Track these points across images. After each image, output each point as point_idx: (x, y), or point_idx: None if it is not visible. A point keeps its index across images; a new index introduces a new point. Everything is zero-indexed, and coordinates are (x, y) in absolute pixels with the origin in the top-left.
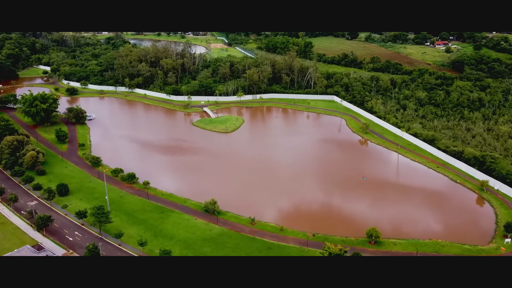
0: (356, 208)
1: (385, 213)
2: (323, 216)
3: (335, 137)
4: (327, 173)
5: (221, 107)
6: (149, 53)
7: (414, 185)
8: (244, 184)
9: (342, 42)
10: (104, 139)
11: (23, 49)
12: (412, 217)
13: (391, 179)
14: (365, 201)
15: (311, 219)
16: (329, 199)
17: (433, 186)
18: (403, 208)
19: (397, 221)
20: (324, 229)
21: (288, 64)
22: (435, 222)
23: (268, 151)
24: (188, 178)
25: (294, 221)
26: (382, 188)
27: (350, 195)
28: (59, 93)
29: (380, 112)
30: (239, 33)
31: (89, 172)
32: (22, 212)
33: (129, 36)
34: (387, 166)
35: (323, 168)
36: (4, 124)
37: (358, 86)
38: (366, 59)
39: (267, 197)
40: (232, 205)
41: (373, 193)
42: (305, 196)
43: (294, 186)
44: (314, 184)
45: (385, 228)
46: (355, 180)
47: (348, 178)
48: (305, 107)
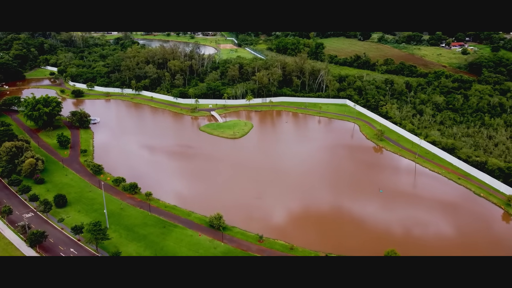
0: (372, 223)
1: (402, 230)
2: (336, 232)
3: (348, 144)
4: (340, 184)
5: (229, 111)
6: (157, 55)
7: (434, 198)
8: (252, 194)
9: (354, 43)
10: (107, 145)
11: (31, 49)
12: (432, 235)
13: (408, 191)
14: (381, 215)
15: (323, 235)
16: (342, 212)
17: (454, 200)
18: (422, 225)
19: (417, 239)
20: (338, 248)
21: (299, 66)
22: (457, 241)
23: (278, 159)
24: (193, 187)
25: (305, 237)
26: (399, 201)
27: (365, 209)
28: (65, 95)
29: (396, 118)
30: (249, 33)
31: (89, 181)
32: (17, 225)
33: (138, 36)
34: (403, 176)
35: (335, 178)
36: (3, 129)
37: (372, 90)
38: (379, 60)
39: (276, 209)
40: (238, 218)
41: (390, 206)
42: (317, 208)
43: (305, 198)
44: (326, 196)
45: (403, 247)
46: (370, 192)
47: (363, 189)
48: (316, 112)
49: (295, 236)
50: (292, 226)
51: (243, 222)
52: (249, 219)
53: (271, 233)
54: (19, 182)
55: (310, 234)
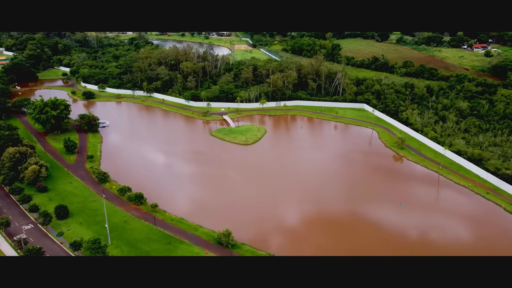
0: (393, 239)
1: (425, 248)
2: (356, 250)
3: (366, 151)
4: (358, 196)
5: (242, 115)
6: (169, 56)
7: (459, 213)
8: (264, 207)
9: (372, 44)
10: (115, 150)
11: (45, 49)
12: (458, 255)
13: (431, 205)
14: (402, 232)
15: (341, 253)
16: (361, 227)
17: (483, 217)
18: (446, 243)
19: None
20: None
21: (315, 69)
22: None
23: (292, 167)
24: (201, 198)
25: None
26: (420, 216)
27: (385, 223)
28: (76, 96)
29: (417, 124)
30: (264, 34)
31: (94, 189)
32: (15, 238)
33: (152, 36)
34: (426, 189)
35: (352, 189)
36: (7, 134)
37: (391, 94)
38: (398, 63)
39: (289, 225)
40: (249, 233)
41: (411, 222)
42: (334, 223)
43: (321, 212)
44: (343, 210)
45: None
46: (390, 205)
47: (382, 202)
48: (332, 116)
49: (311, 255)
50: (308, 245)
51: (254, 238)
52: (260, 235)
53: (284, 250)
54: (20, 191)
55: (327, 253)
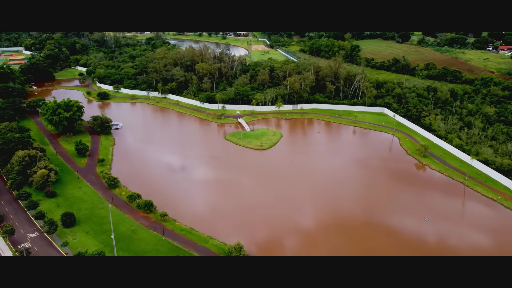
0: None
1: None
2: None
3: (386, 159)
4: (376, 206)
5: (257, 118)
6: (185, 57)
7: (487, 229)
8: (278, 217)
9: (392, 45)
10: (127, 153)
11: (63, 49)
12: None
13: (456, 219)
14: (424, 248)
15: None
16: (379, 242)
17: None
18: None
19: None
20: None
21: (334, 71)
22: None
23: (308, 175)
24: (212, 206)
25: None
26: (445, 231)
27: (405, 238)
28: (91, 97)
29: (440, 131)
30: (282, 34)
31: (103, 195)
32: (19, 247)
33: (170, 36)
34: (451, 201)
35: (371, 199)
36: (18, 136)
37: (413, 98)
38: (420, 65)
39: (305, 235)
40: (262, 246)
41: (434, 237)
42: (349, 234)
43: (336, 222)
44: (360, 220)
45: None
46: (411, 218)
47: (403, 213)
48: (351, 121)
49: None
50: (324, 255)
51: (268, 250)
52: (274, 249)
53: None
54: (27, 196)
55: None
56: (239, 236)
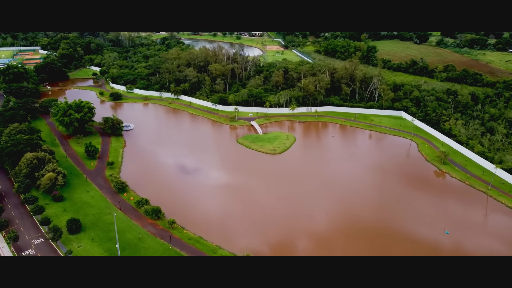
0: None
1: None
2: None
3: (404, 165)
4: (393, 214)
5: (270, 121)
6: (198, 57)
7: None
8: (290, 227)
9: (409, 46)
10: (137, 156)
11: (77, 49)
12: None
13: (478, 231)
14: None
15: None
16: (395, 251)
17: None
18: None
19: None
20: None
21: (350, 73)
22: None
23: (322, 181)
24: (223, 213)
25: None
26: (466, 244)
27: (423, 249)
28: (104, 97)
29: (461, 136)
30: (297, 34)
31: (111, 200)
32: (22, 254)
33: (184, 36)
34: (473, 212)
35: (387, 207)
36: (27, 138)
37: (432, 102)
38: (439, 67)
39: (318, 249)
40: (273, 254)
41: (454, 250)
42: (364, 242)
43: (351, 230)
44: (375, 228)
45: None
46: (430, 228)
47: (421, 223)
48: (367, 124)
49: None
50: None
51: None
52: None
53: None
54: (34, 200)
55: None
56: (249, 245)
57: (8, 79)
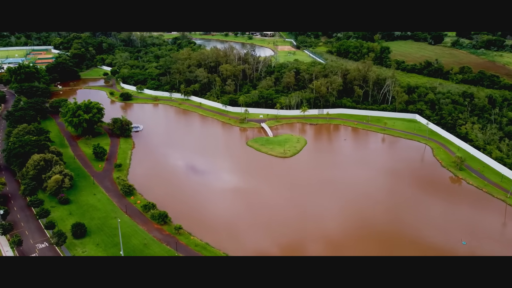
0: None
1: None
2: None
3: (418, 170)
4: (405, 221)
5: (281, 123)
6: (209, 58)
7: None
8: (300, 235)
9: (424, 47)
10: (146, 158)
11: (89, 48)
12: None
13: (497, 241)
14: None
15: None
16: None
17: None
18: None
19: None
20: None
21: (362, 74)
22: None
23: (333, 185)
24: (231, 219)
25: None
26: (483, 255)
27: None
28: (114, 97)
29: (478, 141)
30: (309, 35)
31: (118, 203)
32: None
33: (196, 36)
34: (491, 222)
35: (400, 213)
36: (34, 139)
37: (447, 105)
38: (454, 68)
39: (330, 250)
40: None
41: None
42: (376, 251)
43: (362, 237)
44: (387, 235)
45: None
46: (448, 240)
47: (435, 231)
48: (380, 128)
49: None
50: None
51: None
52: None
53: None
54: (39, 203)
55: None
56: (258, 252)
57: (19, 79)
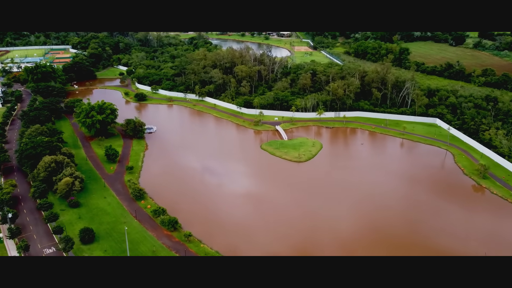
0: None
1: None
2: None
3: (438, 177)
4: (423, 231)
5: (296, 126)
6: (224, 58)
7: None
8: (314, 244)
9: (445, 48)
10: (158, 160)
11: (106, 48)
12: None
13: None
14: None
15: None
16: None
17: None
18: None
19: None
20: None
21: (381, 76)
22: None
23: (349, 193)
24: (242, 227)
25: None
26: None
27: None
28: (129, 97)
29: (503, 148)
30: (326, 35)
31: (128, 207)
32: None
33: (213, 36)
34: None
35: (418, 223)
36: (46, 140)
37: (470, 109)
38: (476, 70)
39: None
40: None
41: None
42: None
43: (378, 247)
44: (404, 245)
45: None
46: (468, 253)
47: (460, 246)
48: (398, 132)
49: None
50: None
51: None
52: None
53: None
54: (48, 207)
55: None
56: None
57: (36, 78)
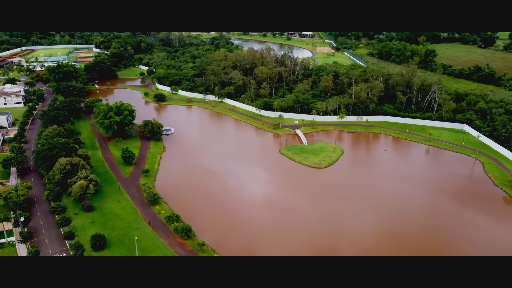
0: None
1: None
2: None
3: (466, 187)
4: (447, 245)
5: (317, 130)
6: (245, 59)
7: None
8: (332, 253)
9: (473, 50)
10: (174, 163)
11: (128, 48)
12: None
13: None
14: None
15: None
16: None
17: None
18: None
19: None
20: None
21: (406, 80)
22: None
23: (371, 202)
24: (257, 237)
25: None
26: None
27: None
28: (148, 98)
29: None
30: (349, 36)
31: (141, 213)
32: None
33: (234, 36)
34: None
35: (441, 236)
36: (63, 142)
37: (501, 115)
38: (507, 74)
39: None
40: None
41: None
42: None
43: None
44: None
45: None
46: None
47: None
48: (424, 138)
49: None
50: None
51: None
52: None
53: None
54: (61, 211)
55: None
56: None
57: (58, 78)
